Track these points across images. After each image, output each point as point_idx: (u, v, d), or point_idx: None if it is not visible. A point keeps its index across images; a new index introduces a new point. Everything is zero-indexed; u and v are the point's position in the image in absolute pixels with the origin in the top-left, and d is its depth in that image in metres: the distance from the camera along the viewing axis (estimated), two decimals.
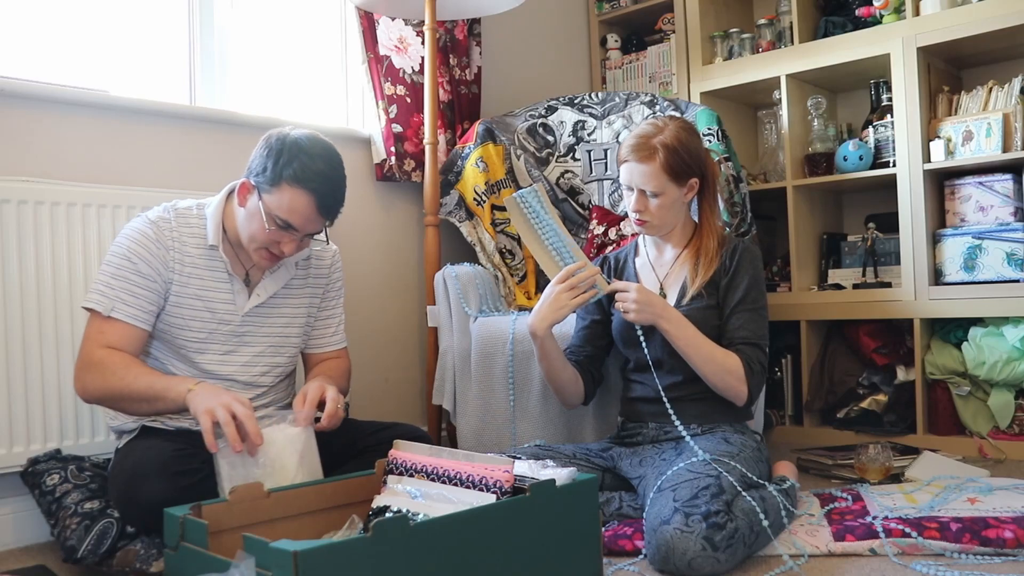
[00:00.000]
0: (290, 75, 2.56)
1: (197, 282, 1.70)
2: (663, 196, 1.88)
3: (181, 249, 1.69)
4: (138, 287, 1.64)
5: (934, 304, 2.57)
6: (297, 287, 1.83)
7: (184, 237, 1.70)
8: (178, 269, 1.68)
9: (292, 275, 1.81)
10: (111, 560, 1.56)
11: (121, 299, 1.63)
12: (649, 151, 1.86)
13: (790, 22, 2.90)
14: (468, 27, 2.83)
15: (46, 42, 2.08)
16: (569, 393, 1.99)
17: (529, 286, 2.63)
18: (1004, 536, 1.55)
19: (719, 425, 1.88)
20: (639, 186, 1.88)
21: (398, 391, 2.69)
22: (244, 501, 1.34)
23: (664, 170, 1.86)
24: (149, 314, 1.66)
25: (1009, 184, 2.52)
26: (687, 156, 1.88)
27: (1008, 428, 2.48)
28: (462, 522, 1.22)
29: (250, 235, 1.67)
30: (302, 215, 1.62)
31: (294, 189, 1.59)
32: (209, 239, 1.70)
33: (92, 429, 1.93)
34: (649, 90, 3.20)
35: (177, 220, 1.70)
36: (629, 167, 1.89)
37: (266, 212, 1.62)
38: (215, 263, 1.72)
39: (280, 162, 1.60)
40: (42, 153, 1.97)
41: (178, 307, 1.69)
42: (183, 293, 1.69)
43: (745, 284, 1.88)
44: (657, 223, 1.92)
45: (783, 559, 1.56)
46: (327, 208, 1.64)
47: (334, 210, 1.67)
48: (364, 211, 2.63)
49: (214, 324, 1.72)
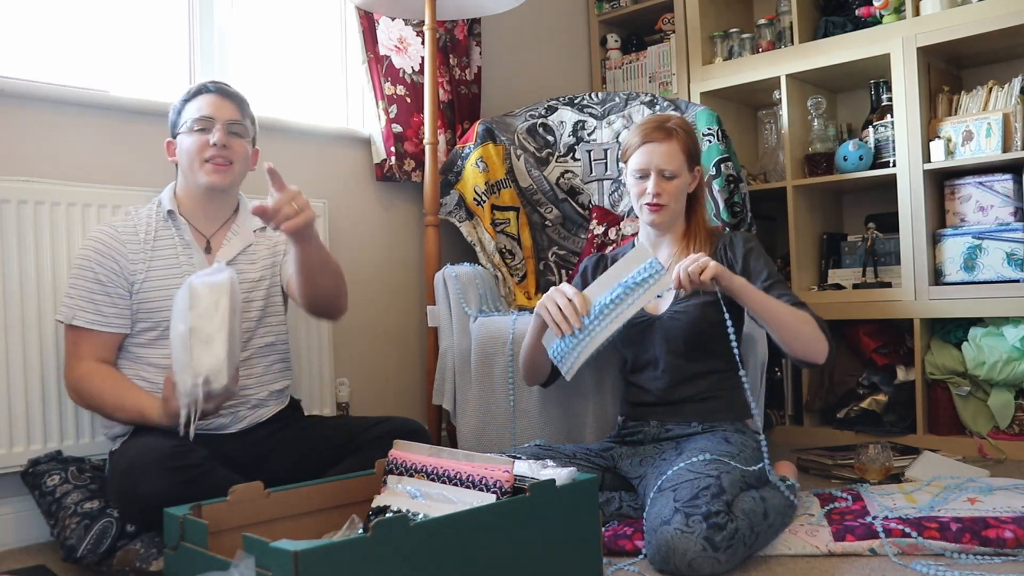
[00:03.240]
0: (290, 75, 2.56)
1: (161, 263, 1.77)
2: (679, 179, 1.91)
3: (142, 234, 1.77)
4: (95, 293, 1.72)
5: (934, 304, 2.57)
6: (260, 256, 1.88)
7: (141, 223, 1.79)
8: (141, 259, 1.75)
9: (250, 242, 1.87)
10: (111, 560, 1.56)
11: (80, 307, 1.71)
12: (668, 132, 1.90)
13: (790, 22, 2.90)
14: (468, 27, 2.83)
15: (46, 42, 2.08)
16: (538, 373, 2.01)
17: (529, 286, 2.63)
18: (1004, 536, 1.55)
19: (719, 424, 1.88)
20: (659, 166, 1.89)
21: (398, 391, 2.69)
22: (244, 501, 1.34)
23: (682, 150, 1.91)
24: (111, 317, 1.73)
25: (1009, 184, 2.52)
26: (696, 142, 1.97)
27: (1008, 428, 2.48)
28: (462, 522, 1.22)
29: (188, 161, 1.78)
30: (207, 104, 1.78)
31: (191, 101, 1.80)
32: (164, 206, 1.80)
33: (92, 430, 1.93)
34: (649, 90, 3.20)
35: (135, 214, 1.82)
36: (648, 148, 1.90)
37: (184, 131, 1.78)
38: (175, 235, 1.79)
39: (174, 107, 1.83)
40: (42, 153, 1.97)
41: (149, 291, 1.75)
42: (152, 277, 1.75)
43: (760, 264, 1.89)
44: (673, 207, 1.93)
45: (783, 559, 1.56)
46: (222, 91, 1.81)
47: (230, 93, 1.82)
48: (364, 211, 2.63)
49: None
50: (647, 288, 1.71)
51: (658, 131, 1.90)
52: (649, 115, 2.59)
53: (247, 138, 1.84)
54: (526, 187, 2.68)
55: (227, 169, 1.79)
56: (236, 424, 1.78)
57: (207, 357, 1.52)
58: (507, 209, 2.65)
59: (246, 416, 1.79)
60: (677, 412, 1.90)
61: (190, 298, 1.54)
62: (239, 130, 1.81)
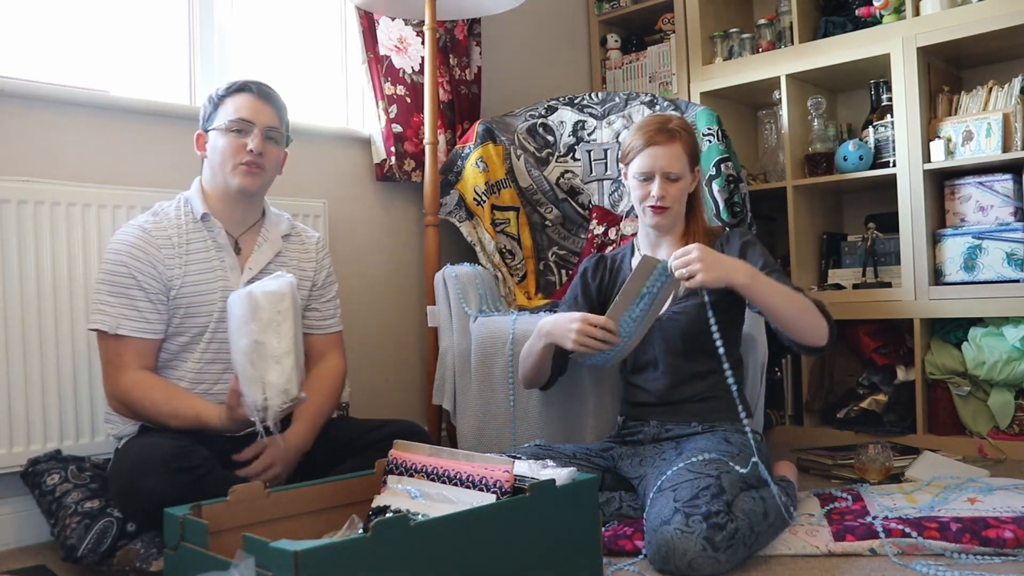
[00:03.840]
0: (290, 75, 2.56)
1: (196, 267, 1.74)
2: (683, 181, 1.91)
3: (175, 238, 1.74)
4: (138, 300, 1.68)
5: (934, 304, 2.57)
6: (289, 263, 1.86)
7: (171, 224, 1.76)
8: (177, 263, 1.72)
9: (279, 249, 1.85)
10: (111, 559, 1.56)
11: (124, 315, 1.67)
12: (671, 134, 1.90)
13: (790, 22, 2.90)
14: (468, 27, 2.83)
15: (46, 42, 2.08)
16: (538, 380, 2.02)
17: (529, 286, 2.63)
18: (1004, 536, 1.55)
19: (719, 424, 1.88)
20: (664, 169, 1.89)
21: (398, 391, 2.69)
22: (244, 501, 1.34)
23: (686, 152, 1.91)
24: (155, 323, 1.70)
25: (1009, 184, 2.52)
26: (697, 142, 1.97)
27: (1008, 428, 2.48)
28: (462, 522, 1.22)
29: (221, 160, 1.76)
30: (247, 107, 1.76)
31: (230, 97, 1.77)
32: (197, 211, 1.77)
33: (92, 429, 1.93)
34: (649, 90, 3.20)
35: (162, 215, 1.78)
36: (652, 152, 1.89)
37: (221, 128, 1.75)
38: (207, 237, 1.77)
39: (211, 98, 1.80)
40: (42, 153, 1.97)
41: (186, 296, 1.72)
42: (188, 282, 1.73)
43: (756, 255, 1.88)
44: (676, 209, 1.93)
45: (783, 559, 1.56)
46: (264, 94, 1.79)
47: (272, 96, 1.81)
48: (364, 211, 2.63)
49: (217, 303, 1.74)
50: (664, 289, 1.76)
51: (662, 133, 1.90)
52: (649, 115, 2.59)
53: (282, 144, 1.83)
54: (526, 187, 2.68)
55: (259, 173, 1.77)
56: None
57: (275, 374, 1.49)
58: (507, 209, 2.65)
59: None
60: (677, 412, 1.90)
61: (251, 309, 1.49)
62: (275, 136, 1.79)
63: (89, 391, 1.93)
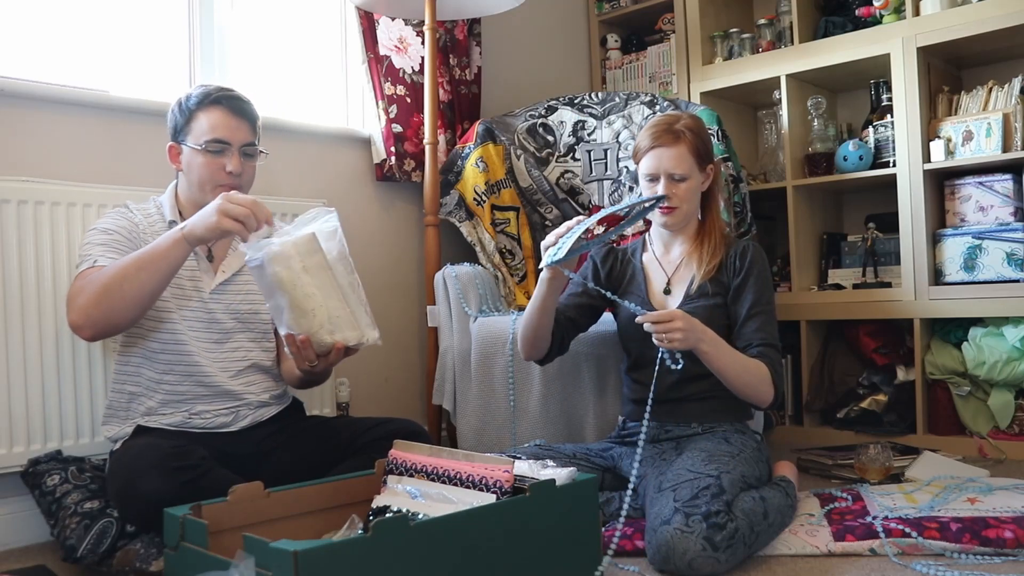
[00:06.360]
0: (290, 75, 2.56)
1: None
2: (690, 180, 1.90)
3: (146, 228, 1.75)
4: (119, 244, 1.69)
5: (934, 304, 2.57)
6: None
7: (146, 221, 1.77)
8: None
9: None
10: (111, 559, 1.56)
11: (103, 254, 1.66)
12: (675, 135, 1.89)
13: (790, 22, 2.90)
14: (468, 27, 2.83)
15: (46, 42, 2.08)
16: (537, 347, 1.95)
17: (529, 286, 2.63)
18: (1004, 536, 1.55)
19: (719, 425, 1.88)
20: (668, 171, 1.89)
21: (398, 391, 2.69)
22: (244, 501, 1.34)
23: (691, 152, 1.90)
24: None
25: (1009, 184, 2.52)
26: (706, 141, 1.95)
27: (1008, 428, 2.48)
28: (462, 522, 1.22)
29: (199, 182, 1.74)
30: (223, 124, 1.73)
31: (203, 112, 1.73)
32: (167, 215, 1.77)
33: (92, 430, 1.93)
34: (649, 90, 3.20)
35: (137, 208, 1.79)
36: (657, 153, 1.89)
37: (196, 147, 1.72)
38: None
39: (181, 107, 1.75)
40: (42, 153, 1.97)
41: None
42: None
43: (758, 287, 1.89)
44: (685, 208, 1.92)
45: (783, 559, 1.56)
46: (239, 109, 1.75)
47: (247, 111, 1.77)
48: (364, 211, 2.63)
49: (182, 300, 1.74)
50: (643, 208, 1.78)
51: (666, 135, 1.90)
52: (650, 115, 2.60)
53: (257, 156, 1.82)
54: (526, 187, 2.68)
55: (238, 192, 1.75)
56: (237, 423, 1.78)
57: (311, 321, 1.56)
58: (507, 209, 2.65)
59: (247, 415, 1.79)
60: (677, 411, 1.90)
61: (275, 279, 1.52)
62: (252, 151, 1.79)
63: (89, 391, 1.93)
